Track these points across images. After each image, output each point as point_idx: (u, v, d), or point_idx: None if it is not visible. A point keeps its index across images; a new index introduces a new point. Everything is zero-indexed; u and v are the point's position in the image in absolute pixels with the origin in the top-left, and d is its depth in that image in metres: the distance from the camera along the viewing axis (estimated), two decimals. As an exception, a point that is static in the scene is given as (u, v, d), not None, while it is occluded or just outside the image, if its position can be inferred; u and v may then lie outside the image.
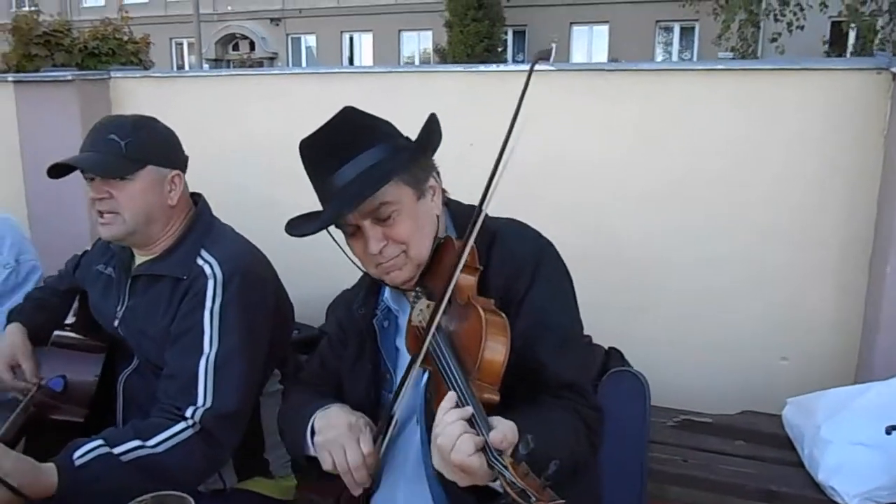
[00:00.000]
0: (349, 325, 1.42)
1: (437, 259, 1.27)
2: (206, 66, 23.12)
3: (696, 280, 2.30)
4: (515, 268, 1.24)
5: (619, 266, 2.36)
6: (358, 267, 1.32)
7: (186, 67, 25.31)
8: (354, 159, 1.21)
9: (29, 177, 3.14)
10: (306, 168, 1.27)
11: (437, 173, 1.31)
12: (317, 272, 2.78)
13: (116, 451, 1.32)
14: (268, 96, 2.94)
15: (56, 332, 1.66)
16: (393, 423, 1.23)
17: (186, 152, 1.65)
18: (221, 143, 2.91)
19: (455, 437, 0.96)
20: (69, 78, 2.98)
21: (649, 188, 2.34)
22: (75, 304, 1.80)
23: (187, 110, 2.98)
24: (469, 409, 0.99)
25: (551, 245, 1.31)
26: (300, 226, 1.29)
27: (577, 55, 21.72)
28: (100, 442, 1.31)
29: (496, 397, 1.06)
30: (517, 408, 1.08)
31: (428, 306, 1.19)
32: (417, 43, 24.76)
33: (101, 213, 1.52)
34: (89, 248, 1.83)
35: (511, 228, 1.32)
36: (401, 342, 1.33)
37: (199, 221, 1.62)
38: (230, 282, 1.50)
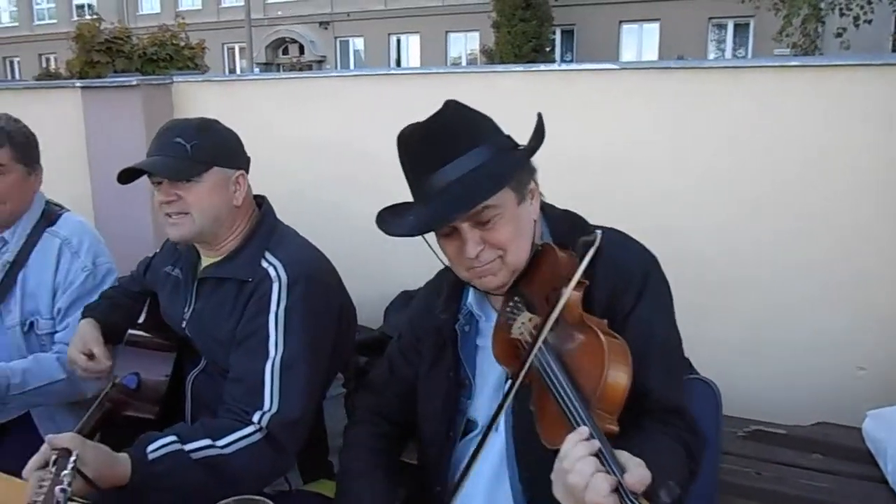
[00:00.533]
0: (425, 328, 1.39)
1: (533, 266, 1.22)
2: (256, 69, 23.59)
3: (771, 286, 2.23)
4: (622, 281, 1.19)
5: (693, 268, 2.30)
6: (443, 262, 1.28)
7: (238, 71, 25.81)
8: (458, 159, 1.17)
9: (95, 179, 3.24)
10: (404, 161, 1.23)
11: (536, 176, 1.27)
12: (373, 273, 2.80)
13: (188, 448, 1.32)
14: (325, 99, 2.97)
15: (129, 332, 1.69)
16: (490, 432, 1.18)
17: (248, 154, 1.66)
18: (280, 146, 2.94)
19: (588, 475, 0.92)
20: (134, 83, 3.06)
21: (727, 189, 2.27)
22: (147, 305, 1.83)
23: (246, 113, 3.02)
24: (596, 444, 0.94)
25: (656, 259, 1.26)
26: (394, 223, 1.24)
27: (627, 54, 21.43)
28: (173, 438, 1.32)
29: (616, 428, 1.02)
30: (625, 436, 1.03)
31: (530, 320, 1.13)
32: (464, 44, 24.78)
33: (169, 215, 1.53)
34: (158, 250, 1.86)
35: (615, 239, 1.24)
36: (482, 342, 1.30)
37: (264, 223, 1.62)
38: (295, 285, 1.50)
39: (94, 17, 10.67)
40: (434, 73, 2.95)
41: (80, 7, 28.83)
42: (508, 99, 2.62)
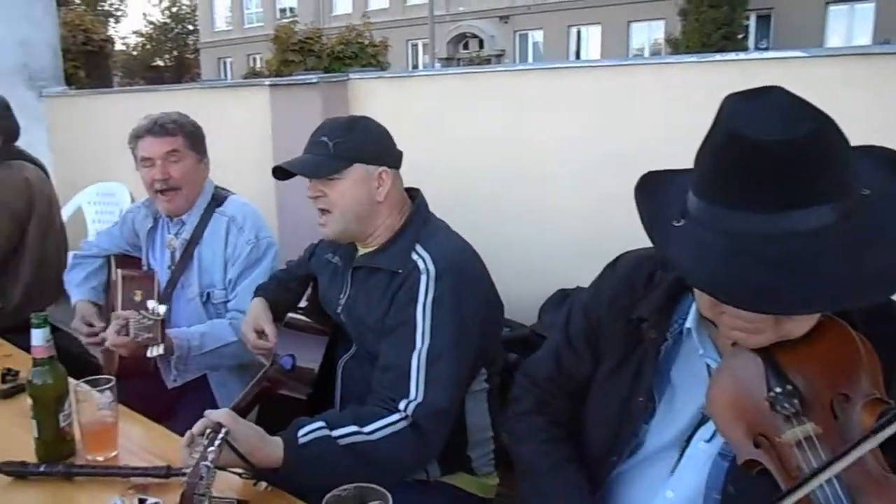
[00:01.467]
0: (611, 325, 1.20)
1: (813, 340, 0.95)
2: (437, 64, 24.32)
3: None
4: None
5: None
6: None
7: (420, 67, 26.79)
8: (793, 212, 0.85)
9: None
10: (706, 155, 0.92)
11: None
12: (531, 270, 2.78)
13: (335, 433, 1.38)
14: (493, 93, 2.97)
15: (289, 315, 1.81)
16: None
17: (416, 149, 1.70)
18: (448, 140, 3.00)
19: None
20: (314, 80, 3.26)
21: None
22: (309, 290, 1.95)
23: (418, 108, 3.12)
24: None
25: None
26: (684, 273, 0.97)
27: (833, 39, 19.40)
28: (321, 423, 1.39)
29: None
30: None
31: (807, 439, 0.87)
32: (648, 34, 23.84)
33: (320, 212, 1.63)
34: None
35: None
36: (679, 366, 1.14)
37: (416, 217, 1.66)
38: (442, 277, 1.52)
39: (292, 19, 11.58)
40: (604, 65, 2.84)
41: (283, 10, 31.43)
42: (685, 92, 2.47)
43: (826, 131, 0.86)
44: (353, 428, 1.40)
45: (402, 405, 1.44)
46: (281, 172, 1.64)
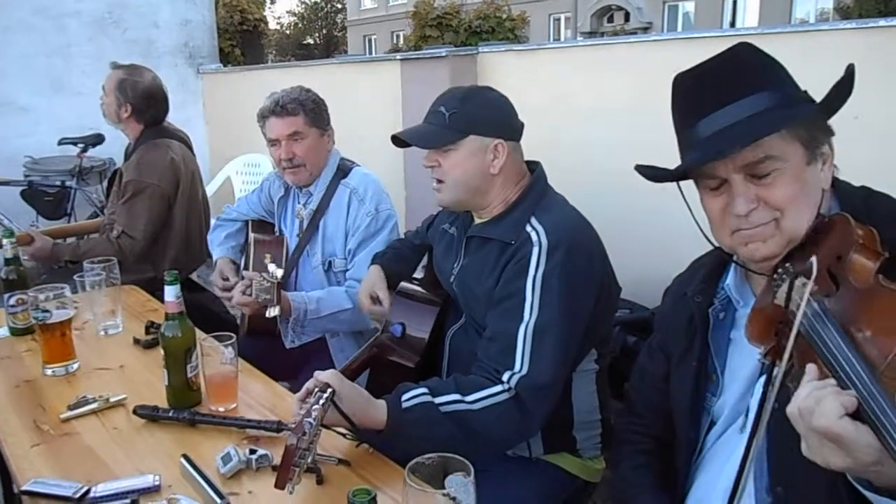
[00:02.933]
0: (677, 313, 1.26)
1: (814, 241, 1.03)
2: (579, 38, 23.68)
3: None
4: None
5: None
6: (705, 236, 1.13)
7: (562, 40, 26.20)
8: (736, 103, 1.03)
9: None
10: (673, 105, 1.13)
11: (832, 141, 1.07)
12: (652, 252, 2.64)
13: (437, 400, 1.39)
14: (623, 65, 2.84)
15: (402, 284, 1.85)
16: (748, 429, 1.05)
17: (542, 123, 1.65)
18: (576, 114, 2.91)
19: (818, 399, 0.81)
20: (443, 54, 3.27)
21: None
22: (424, 260, 1.98)
23: (546, 81, 3.05)
24: (852, 394, 0.80)
25: None
26: (656, 171, 1.16)
27: None
28: (424, 390, 1.40)
29: None
30: None
31: (804, 285, 0.94)
32: (814, 1, 21.84)
33: (434, 180, 1.63)
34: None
35: None
36: (736, 335, 1.16)
37: (533, 189, 1.63)
38: (554, 251, 1.49)
39: (433, -7, 11.72)
40: (750, 33, 2.63)
41: (426, -13, 31.74)
42: (835, 62, 2.23)
43: (742, 51, 1.07)
44: (456, 396, 1.41)
45: (505, 377, 1.43)
46: (399, 141, 1.66)
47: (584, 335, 1.54)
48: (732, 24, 23.11)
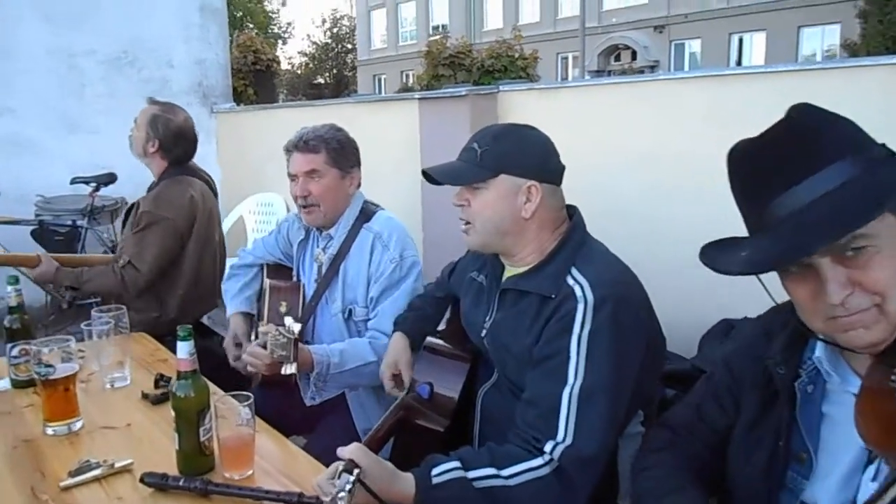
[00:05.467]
0: (748, 373, 1.15)
1: None
2: (587, 77, 23.88)
3: None
4: None
5: None
6: (774, 300, 1.03)
7: (569, 79, 26.48)
8: (813, 177, 0.92)
9: (424, 184, 3.47)
10: (735, 183, 1.02)
11: None
12: (691, 297, 2.52)
13: (471, 475, 1.26)
14: (648, 103, 2.77)
15: (428, 339, 1.73)
16: None
17: (566, 163, 1.56)
18: (599, 154, 2.83)
19: None
20: (463, 93, 3.21)
21: None
22: (448, 312, 1.86)
23: (568, 120, 2.97)
24: None
25: None
26: (721, 258, 1.01)
27: None
28: (456, 463, 1.28)
29: None
30: None
31: None
32: (821, 39, 22.04)
33: (462, 221, 1.53)
34: (464, 254, 1.88)
35: None
36: (830, 410, 1.03)
37: (572, 237, 1.51)
38: (602, 307, 1.36)
39: (443, 34, 11.82)
40: (779, 70, 2.55)
41: (436, 27, 32.30)
42: (877, 98, 2.14)
43: (802, 116, 0.97)
44: (491, 470, 1.27)
45: (547, 447, 1.29)
46: (431, 178, 1.56)
47: (633, 396, 1.41)
48: (739, 63, 23.28)
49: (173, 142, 2.70)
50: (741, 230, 1.04)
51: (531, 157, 1.50)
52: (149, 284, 2.60)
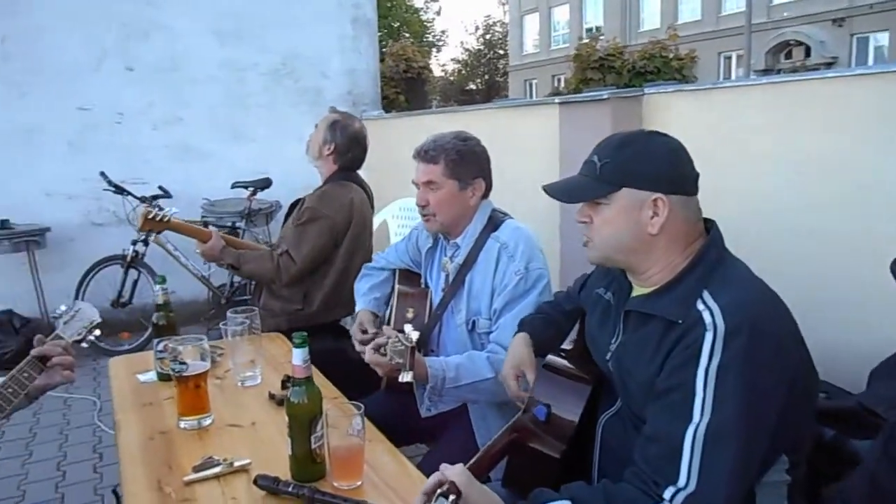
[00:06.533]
0: None
1: None
2: (753, 76, 22.33)
3: None
4: None
5: None
6: None
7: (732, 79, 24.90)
8: None
9: (563, 191, 3.36)
10: None
11: None
12: (856, 323, 2.22)
13: None
14: (816, 104, 2.47)
15: (550, 356, 1.63)
16: None
17: (714, 171, 1.39)
18: (756, 160, 2.57)
19: None
20: (605, 97, 3.05)
21: None
22: (574, 331, 1.75)
23: (721, 124, 2.73)
24: None
25: None
26: None
27: None
28: (567, 502, 1.18)
29: None
30: None
31: None
32: None
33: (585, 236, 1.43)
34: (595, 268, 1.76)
35: None
36: None
37: (706, 256, 1.34)
38: (734, 337, 1.19)
39: (593, 37, 11.52)
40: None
41: (589, 29, 31.65)
42: None
43: None
44: None
45: (667, 493, 1.15)
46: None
47: (773, 439, 1.23)
48: (935, 56, 20.71)
49: (347, 147, 2.86)
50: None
51: (657, 166, 1.35)
52: (300, 276, 2.75)
